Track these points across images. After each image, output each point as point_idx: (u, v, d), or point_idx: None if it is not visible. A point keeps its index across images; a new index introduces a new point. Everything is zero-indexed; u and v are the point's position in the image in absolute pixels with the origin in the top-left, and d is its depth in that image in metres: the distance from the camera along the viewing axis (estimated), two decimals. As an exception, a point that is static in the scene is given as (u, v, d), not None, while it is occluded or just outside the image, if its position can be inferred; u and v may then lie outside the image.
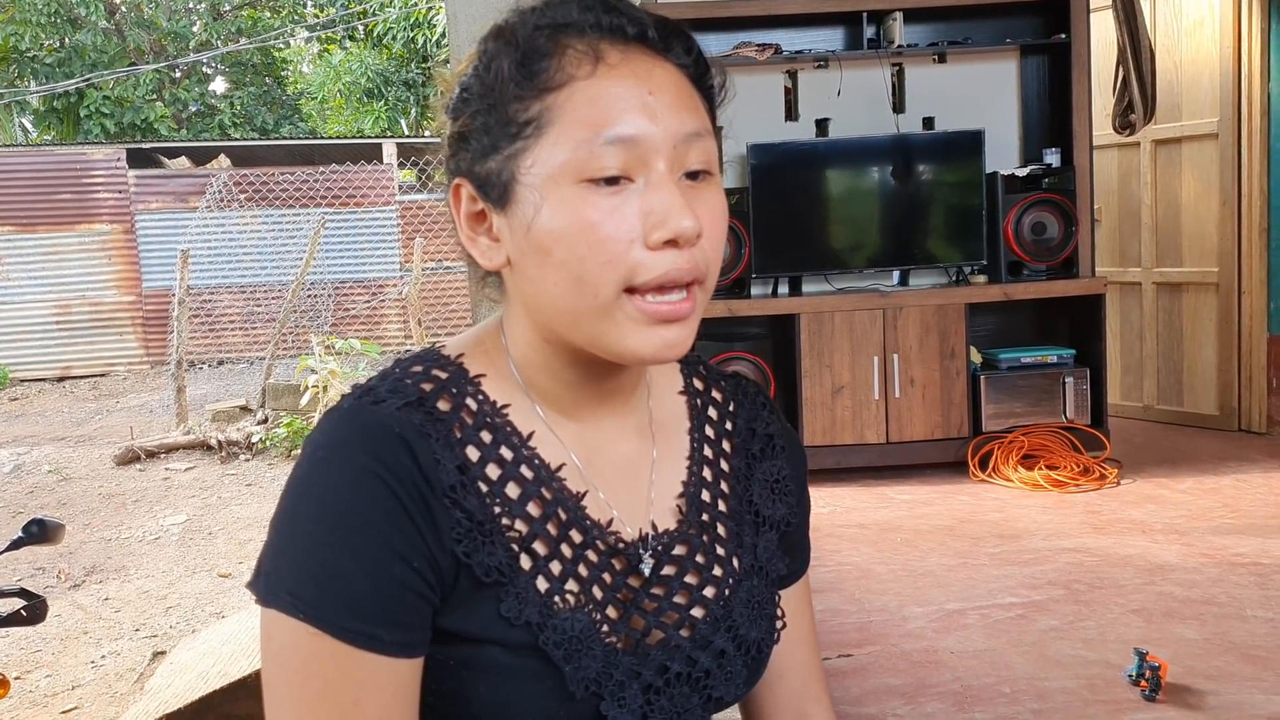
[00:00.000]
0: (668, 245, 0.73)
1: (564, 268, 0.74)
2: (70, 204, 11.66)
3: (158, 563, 4.83)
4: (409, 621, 0.73)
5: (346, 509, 0.71)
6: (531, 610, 0.75)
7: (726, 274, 4.63)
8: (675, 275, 0.74)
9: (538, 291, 0.77)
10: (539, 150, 0.74)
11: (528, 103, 0.75)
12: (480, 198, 0.79)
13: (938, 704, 2.50)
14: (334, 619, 0.71)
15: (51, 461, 7.19)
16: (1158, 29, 5.23)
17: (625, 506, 0.84)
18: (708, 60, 0.81)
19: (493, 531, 0.76)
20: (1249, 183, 5.01)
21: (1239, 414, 5.15)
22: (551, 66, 0.74)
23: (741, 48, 4.68)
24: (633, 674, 0.78)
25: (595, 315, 0.75)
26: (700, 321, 0.79)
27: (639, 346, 0.75)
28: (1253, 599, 3.03)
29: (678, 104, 0.75)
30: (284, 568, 0.72)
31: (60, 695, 3.46)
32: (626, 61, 0.75)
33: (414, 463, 0.73)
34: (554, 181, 0.74)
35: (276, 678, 0.73)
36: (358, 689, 0.71)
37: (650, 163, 0.74)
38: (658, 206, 0.73)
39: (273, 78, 19.39)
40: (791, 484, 0.94)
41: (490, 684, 0.75)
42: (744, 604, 0.85)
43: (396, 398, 0.76)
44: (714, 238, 0.77)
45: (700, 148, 0.76)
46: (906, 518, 4.05)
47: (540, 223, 0.74)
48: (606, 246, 0.73)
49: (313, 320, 11.23)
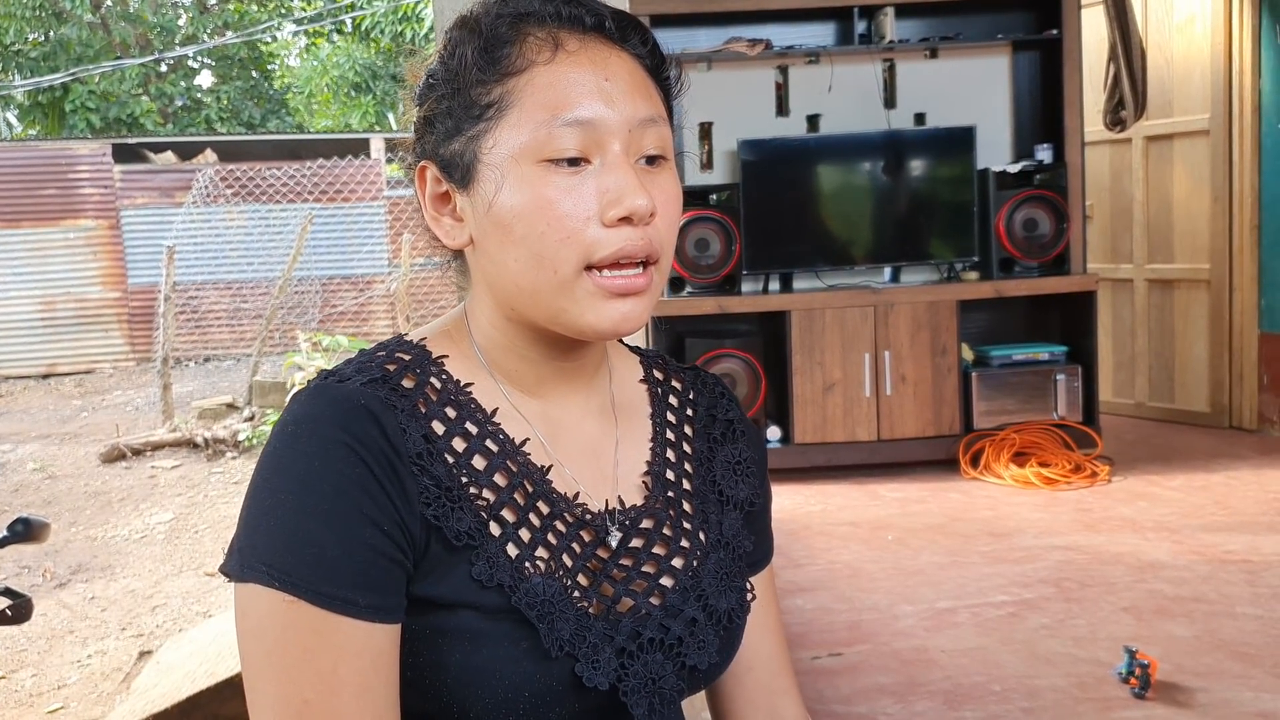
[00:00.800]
0: (622, 222, 0.77)
1: (524, 244, 0.77)
2: (55, 199, 11.57)
3: (144, 561, 4.80)
4: (383, 586, 0.74)
5: (316, 478, 0.73)
6: (503, 573, 0.77)
7: (717, 270, 4.61)
8: (630, 251, 0.77)
9: (499, 270, 0.80)
10: (500, 131, 0.78)
11: (490, 86, 0.79)
12: (444, 179, 0.82)
13: (928, 702, 2.49)
14: (310, 585, 0.71)
15: (37, 459, 7.14)
16: (1149, 25, 5.23)
17: (590, 482, 0.86)
18: (664, 53, 0.85)
19: (460, 498, 0.78)
20: (1240, 179, 5.01)
21: (1230, 411, 5.16)
22: (513, 53, 0.78)
23: (732, 43, 4.66)
24: (606, 638, 0.79)
25: (555, 291, 0.78)
26: (655, 299, 0.81)
27: (597, 320, 0.78)
28: (1242, 596, 3.03)
29: (633, 90, 0.79)
30: (258, 541, 0.73)
31: (46, 694, 3.43)
32: (584, 49, 0.79)
33: (381, 433, 0.75)
34: (514, 161, 0.77)
35: (255, 651, 0.73)
36: (336, 654, 0.72)
37: (606, 145, 0.78)
38: (613, 185, 0.77)
39: (259, 72, 19.29)
40: (754, 466, 0.96)
41: (465, 649, 0.76)
42: (712, 574, 0.87)
43: (361, 375, 0.79)
44: (668, 218, 0.81)
45: (655, 133, 0.80)
46: (898, 516, 4.04)
47: (501, 201, 0.78)
48: (564, 223, 0.76)
49: (300, 317, 11.18)
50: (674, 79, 0.87)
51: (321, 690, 0.72)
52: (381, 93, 16.19)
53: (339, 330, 9.60)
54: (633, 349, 0.99)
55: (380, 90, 16.17)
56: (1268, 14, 4.90)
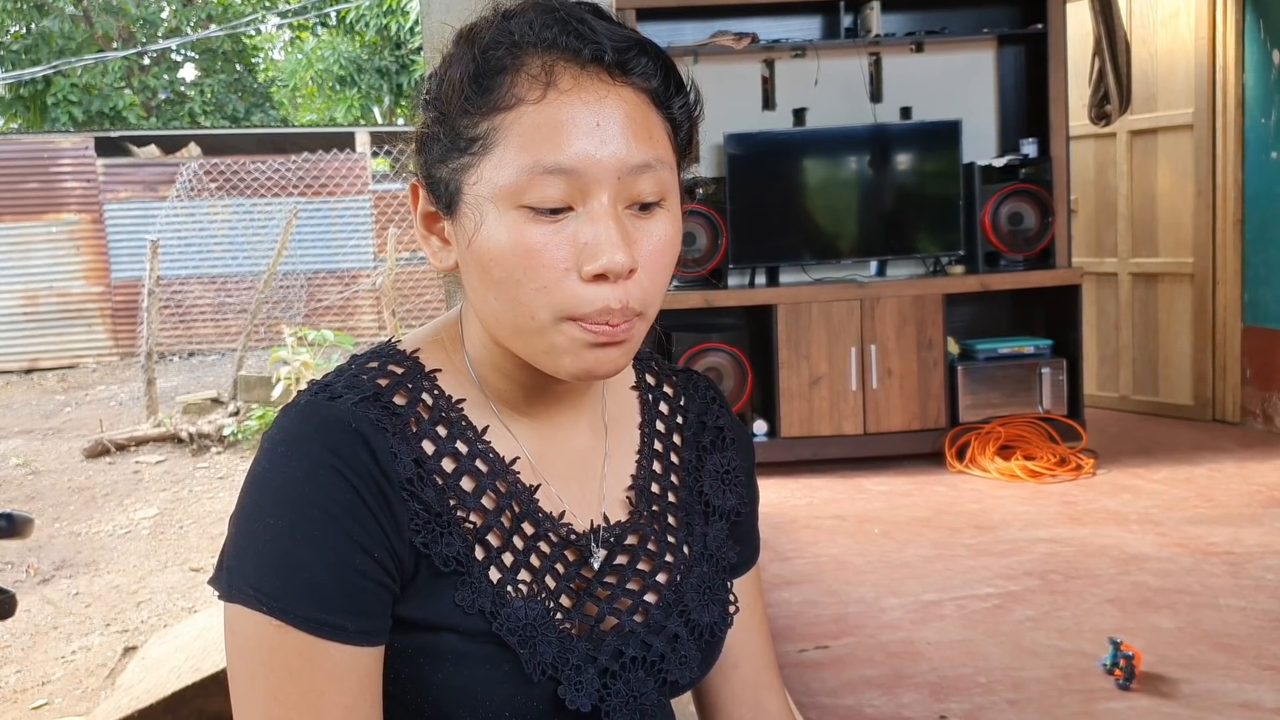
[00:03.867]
0: (600, 279, 0.74)
1: (501, 288, 0.75)
2: (37, 193, 11.49)
3: (128, 557, 4.77)
4: (371, 610, 0.74)
5: (305, 502, 0.72)
6: (484, 599, 0.77)
7: (703, 265, 4.61)
8: (607, 316, 0.74)
9: (480, 304, 0.79)
10: (483, 168, 0.75)
11: (476, 119, 0.75)
12: (432, 201, 0.81)
13: (914, 694, 2.50)
14: (297, 610, 0.71)
15: (20, 454, 7.09)
16: (1133, 20, 5.25)
17: (577, 500, 0.86)
18: (679, 80, 0.80)
19: (449, 522, 0.77)
20: (1223, 173, 5.04)
21: (1213, 404, 5.19)
22: (504, 84, 0.74)
23: (718, 36, 4.66)
24: (588, 658, 0.80)
25: (532, 335, 0.76)
26: (639, 343, 0.80)
27: (574, 366, 0.76)
28: (1226, 588, 3.05)
29: (628, 133, 0.74)
30: (245, 562, 0.73)
31: (30, 690, 3.41)
32: (578, 88, 0.74)
33: (371, 457, 0.74)
34: (494, 203, 0.74)
35: (242, 672, 0.74)
36: (323, 679, 0.72)
37: (591, 193, 0.74)
38: (592, 239, 0.73)
39: (244, 65, 19.18)
40: (741, 475, 0.96)
41: (448, 670, 0.76)
42: (695, 589, 0.87)
43: (353, 393, 0.78)
44: (653, 270, 0.77)
45: (650, 179, 0.76)
46: (884, 509, 4.05)
47: (480, 240, 0.75)
48: (540, 274, 0.74)
49: (285, 311, 11.13)
50: (691, 107, 0.81)
51: (307, 713, 0.72)
52: (366, 86, 16.11)
53: (324, 325, 9.55)
54: None
55: (365, 84, 16.09)
56: (1251, 8, 4.92)
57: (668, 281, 0.80)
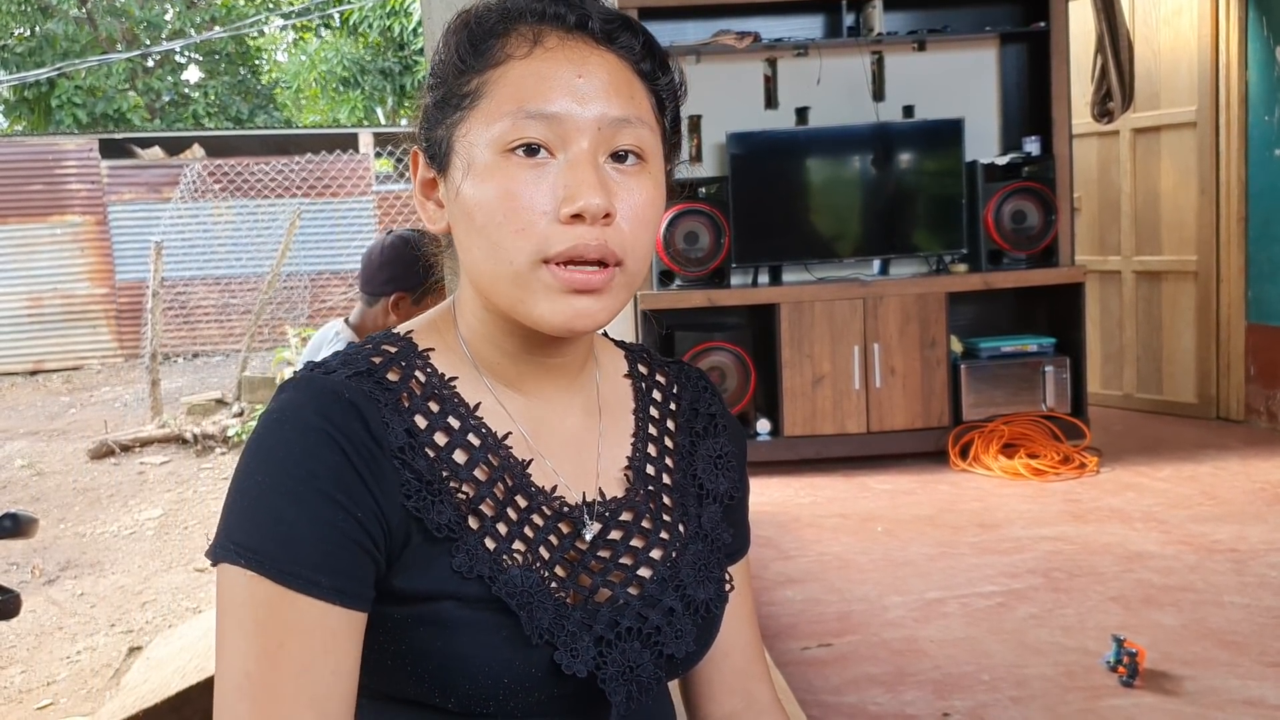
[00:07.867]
0: (576, 220, 0.76)
1: (483, 234, 0.78)
2: (42, 195, 11.51)
3: (133, 557, 4.78)
4: (347, 570, 0.74)
5: (292, 462, 0.74)
6: (481, 566, 0.78)
7: (706, 264, 4.61)
8: (583, 250, 0.77)
9: (467, 257, 0.82)
10: (473, 120, 0.79)
11: (469, 77, 0.80)
12: (429, 164, 0.85)
13: (917, 692, 2.50)
14: (273, 561, 0.72)
15: (25, 456, 7.11)
16: (1136, 17, 5.25)
17: (571, 475, 0.87)
18: (664, 58, 0.85)
19: (441, 491, 0.79)
20: (1227, 171, 5.03)
21: (1217, 402, 5.19)
22: (495, 46, 0.80)
23: (720, 35, 4.66)
24: (584, 626, 0.80)
25: (511, 282, 0.78)
26: (621, 300, 0.81)
27: (550, 314, 0.78)
28: (1229, 585, 3.04)
29: (609, 89, 0.79)
30: (231, 522, 0.75)
31: (35, 691, 3.42)
32: (563, 47, 0.80)
33: (363, 425, 0.76)
34: (480, 150, 0.78)
35: (220, 625, 0.75)
36: (284, 631, 0.72)
37: (571, 141, 0.78)
38: (570, 181, 0.77)
39: (247, 67, 19.20)
40: (734, 460, 0.97)
41: (446, 638, 0.77)
42: (691, 565, 0.88)
43: (346, 368, 0.80)
44: (635, 221, 0.80)
45: (630, 133, 0.80)
46: (887, 507, 4.05)
47: (465, 189, 0.79)
48: (520, 216, 0.77)
49: (289, 312, 11.15)
50: (676, 83, 0.86)
51: (264, 665, 0.72)
52: (370, 88, 16.11)
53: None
54: (618, 344, 1.00)
55: (368, 85, 16.09)
56: (1254, 5, 4.91)
57: (651, 239, 0.82)
